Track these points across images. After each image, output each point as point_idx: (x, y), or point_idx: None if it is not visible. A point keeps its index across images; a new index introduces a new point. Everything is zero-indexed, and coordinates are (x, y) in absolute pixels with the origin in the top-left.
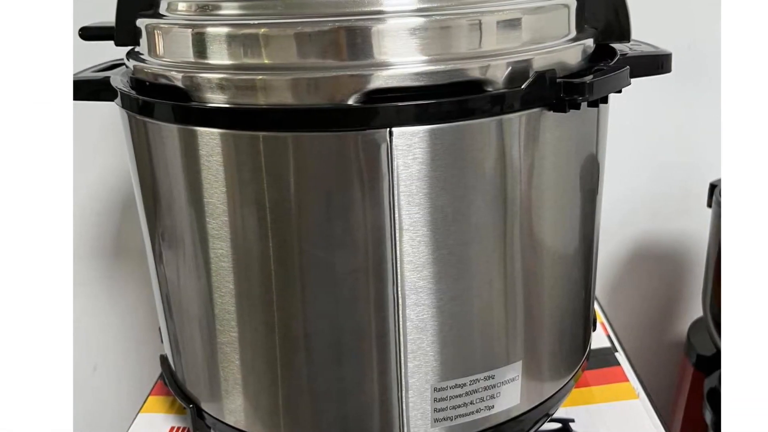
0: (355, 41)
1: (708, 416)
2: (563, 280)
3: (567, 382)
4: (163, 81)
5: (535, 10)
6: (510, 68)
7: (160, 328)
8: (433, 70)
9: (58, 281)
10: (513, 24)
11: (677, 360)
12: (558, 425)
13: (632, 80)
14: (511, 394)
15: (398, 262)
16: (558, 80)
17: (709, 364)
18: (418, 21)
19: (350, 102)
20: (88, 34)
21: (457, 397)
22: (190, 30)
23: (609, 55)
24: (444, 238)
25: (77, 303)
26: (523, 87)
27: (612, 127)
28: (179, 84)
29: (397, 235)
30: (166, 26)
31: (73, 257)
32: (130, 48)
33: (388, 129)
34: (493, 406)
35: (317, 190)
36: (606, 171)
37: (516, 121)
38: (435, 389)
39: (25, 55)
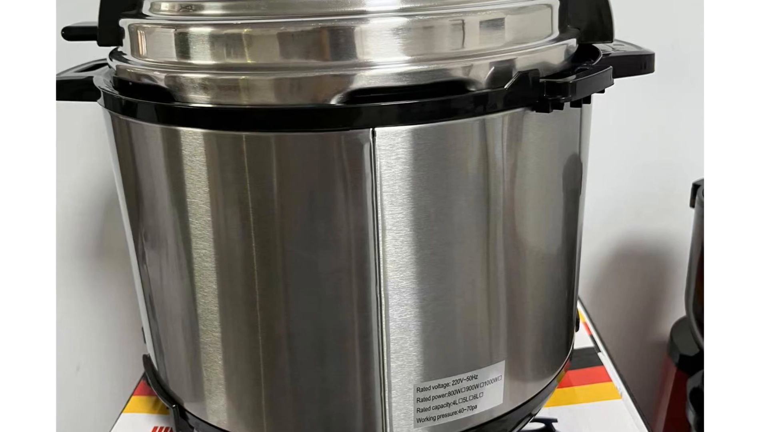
0: (338, 41)
1: (691, 416)
2: (546, 280)
3: (550, 382)
4: (146, 81)
5: (518, 10)
6: (493, 68)
7: (143, 328)
8: (416, 70)
9: (41, 281)
10: (496, 24)
11: (660, 360)
12: (541, 425)
13: (615, 80)
14: (494, 394)
15: (381, 262)
16: (541, 80)
17: (692, 364)
18: (401, 21)
19: (333, 102)
20: (71, 34)
21: (440, 397)
22: (173, 30)
23: (592, 55)
24: (427, 238)
25: (60, 303)
26: (506, 87)
27: (595, 127)
28: (162, 84)
29: (380, 235)
30: (149, 26)
31: (56, 257)
32: (113, 48)
33: (371, 129)
34: (476, 406)
35: (300, 190)
36: (589, 171)
37: (499, 121)
38: (418, 389)
39: (7, 55)
